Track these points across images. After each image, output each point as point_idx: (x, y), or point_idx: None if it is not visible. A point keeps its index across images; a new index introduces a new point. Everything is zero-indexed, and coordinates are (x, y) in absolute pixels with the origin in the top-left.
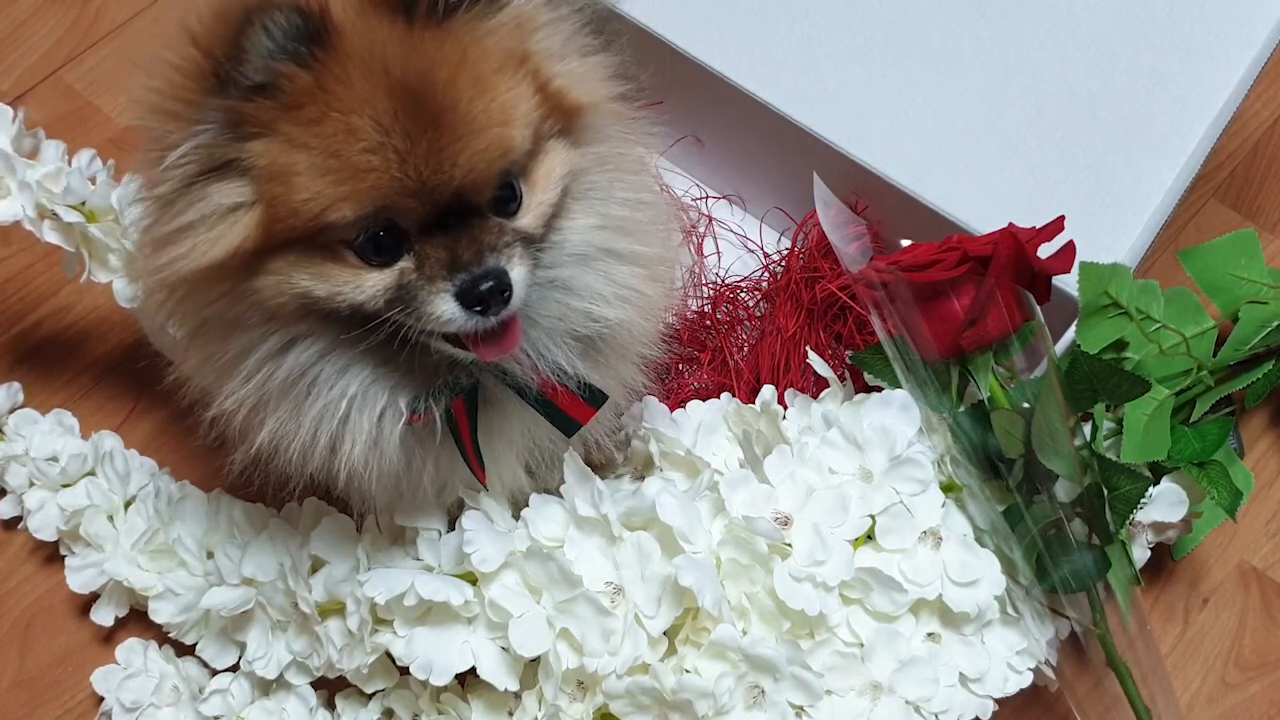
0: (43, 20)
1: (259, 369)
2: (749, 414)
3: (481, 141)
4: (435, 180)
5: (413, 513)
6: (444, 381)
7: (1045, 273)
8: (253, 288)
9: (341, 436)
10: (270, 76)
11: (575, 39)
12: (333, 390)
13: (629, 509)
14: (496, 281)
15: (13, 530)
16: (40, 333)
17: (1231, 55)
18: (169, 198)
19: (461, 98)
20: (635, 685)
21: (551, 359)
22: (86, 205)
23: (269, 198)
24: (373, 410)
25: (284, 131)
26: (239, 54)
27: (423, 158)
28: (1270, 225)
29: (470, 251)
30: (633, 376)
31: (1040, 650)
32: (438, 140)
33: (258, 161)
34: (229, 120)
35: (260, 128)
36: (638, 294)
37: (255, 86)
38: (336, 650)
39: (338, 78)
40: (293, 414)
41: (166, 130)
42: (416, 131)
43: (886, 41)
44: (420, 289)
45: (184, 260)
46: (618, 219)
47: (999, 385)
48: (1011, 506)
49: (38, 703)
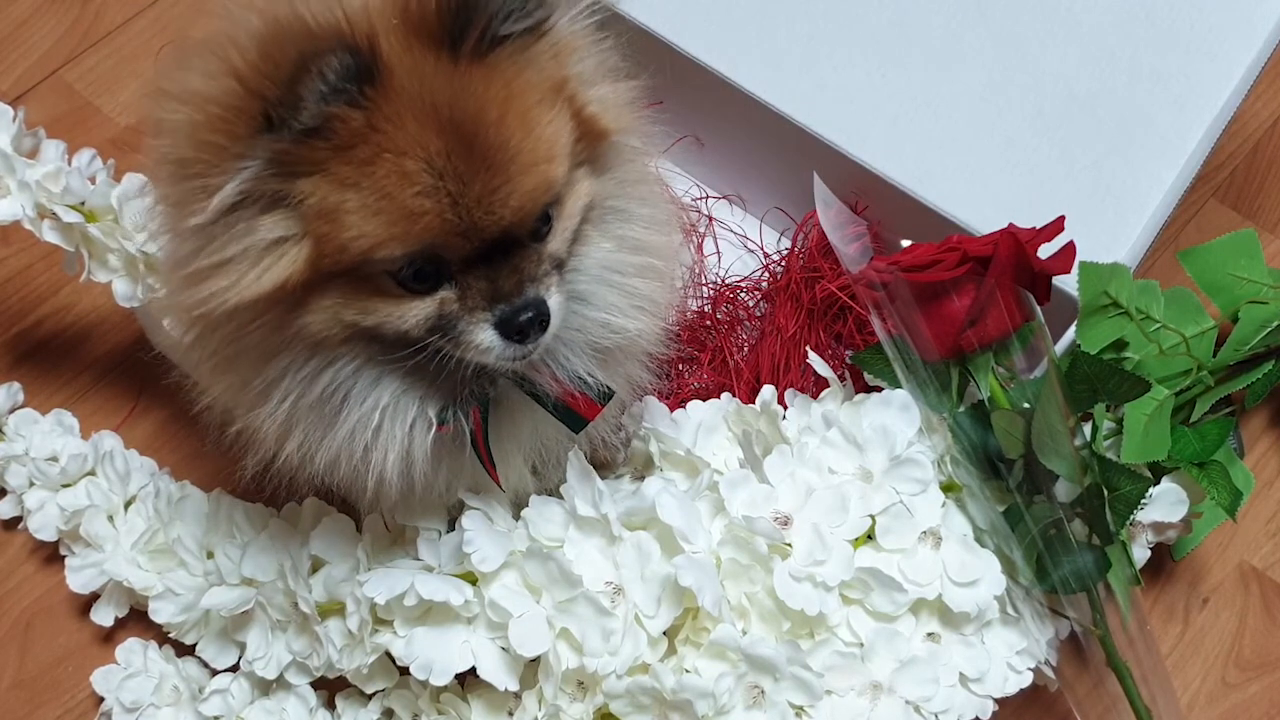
0: (43, 20)
1: (294, 389)
2: (749, 414)
3: (531, 181)
4: (486, 221)
5: (415, 513)
6: (470, 391)
7: (1045, 273)
8: (298, 319)
9: (374, 446)
10: (323, 120)
11: (606, 63)
12: (365, 403)
13: (629, 509)
14: (536, 311)
15: (13, 530)
16: (40, 333)
17: (1231, 55)
18: (207, 230)
19: (512, 136)
20: (635, 685)
21: (571, 369)
22: (86, 205)
23: (317, 235)
24: (405, 420)
25: (335, 171)
26: (294, 101)
27: (474, 199)
28: (1270, 225)
29: (511, 282)
30: (639, 374)
31: (1040, 650)
32: (490, 182)
33: (307, 200)
34: (278, 159)
35: (311, 166)
36: (653, 303)
37: (307, 130)
38: (336, 650)
39: (389, 117)
40: (325, 427)
41: (207, 162)
42: (469, 173)
43: (886, 41)
44: (461, 318)
45: (227, 294)
46: (635, 240)
47: (999, 385)
48: (1011, 507)
49: (38, 703)
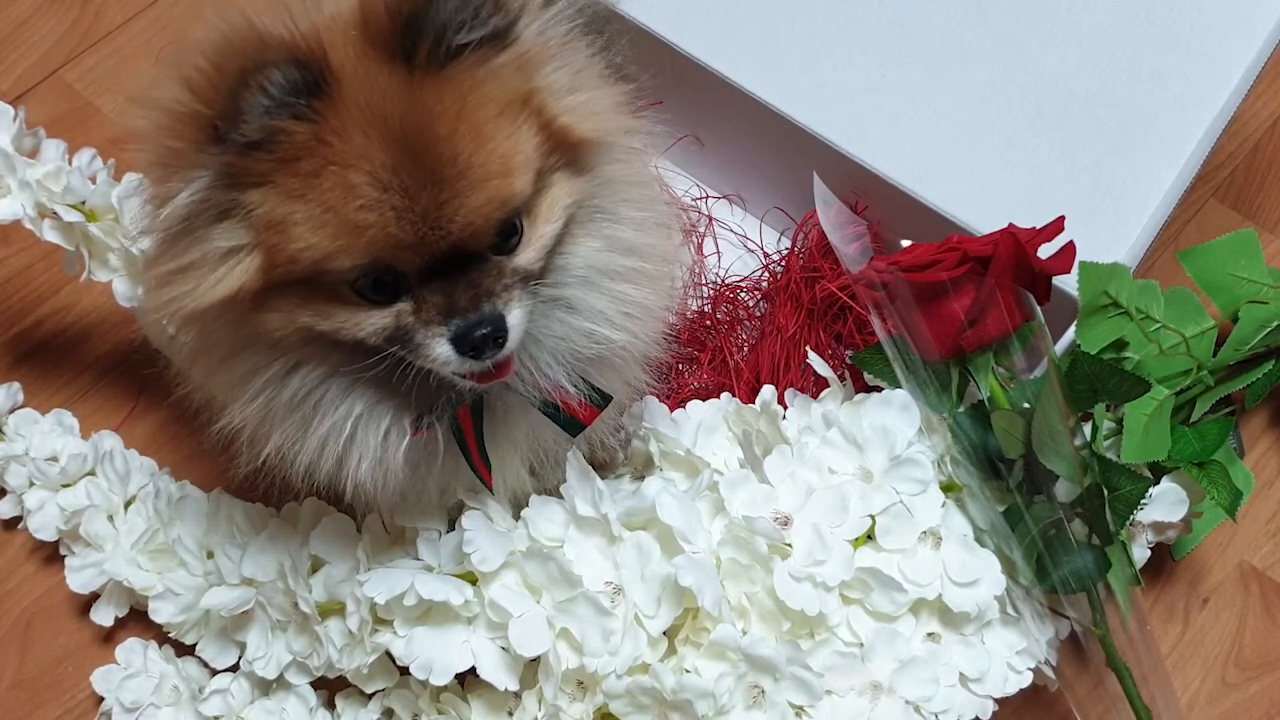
0: (43, 20)
1: (263, 390)
2: (749, 414)
3: (480, 197)
4: (432, 236)
5: (414, 514)
6: (446, 399)
7: (1045, 273)
8: (257, 320)
9: (348, 454)
10: (267, 134)
11: (589, 69)
12: (338, 411)
13: (629, 509)
14: (492, 328)
15: (13, 530)
16: (40, 332)
17: (1231, 55)
18: (171, 234)
19: (461, 151)
20: (635, 685)
21: (554, 378)
22: (87, 204)
23: (267, 245)
24: (378, 429)
25: (281, 183)
26: (235, 114)
27: (420, 214)
28: (1270, 225)
29: (466, 297)
30: (636, 376)
31: (1040, 650)
32: (437, 196)
33: (255, 210)
34: (226, 170)
35: (258, 178)
36: (643, 309)
37: (252, 143)
38: (336, 650)
39: (335, 130)
40: (299, 432)
41: (168, 167)
42: (415, 187)
43: (886, 41)
44: (417, 331)
45: (187, 299)
46: (624, 242)
47: (999, 385)
48: (1011, 507)
49: (38, 703)
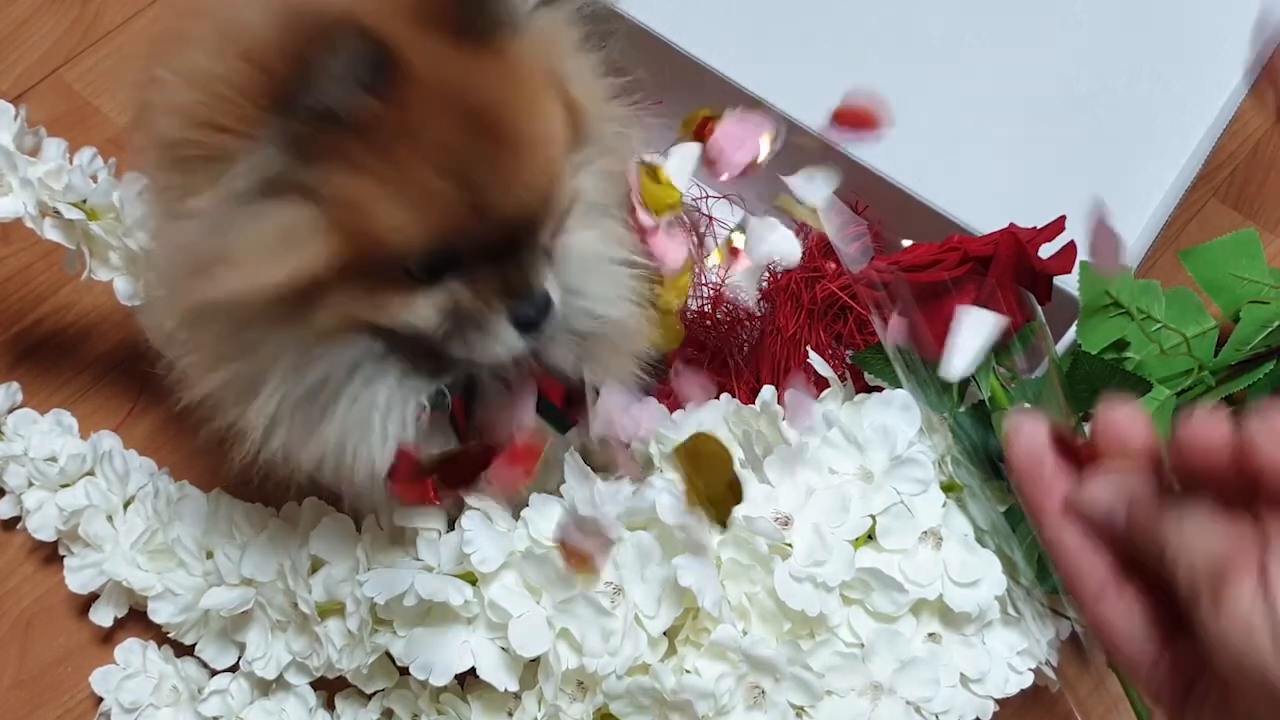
0: (43, 20)
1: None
2: (749, 414)
3: (539, 162)
4: (502, 203)
5: (413, 513)
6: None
7: (1046, 273)
8: (307, 310)
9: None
10: (338, 103)
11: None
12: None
13: (629, 509)
14: (545, 303)
15: (12, 530)
16: (40, 332)
17: (1231, 55)
18: (216, 215)
19: (520, 118)
20: (635, 685)
21: (550, 357)
22: (88, 203)
23: (335, 222)
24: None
25: (351, 157)
26: (307, 80)
27: (491, 181)
28: (1271, 225)
29: (517, 276)
30: (630, 373)
31: (1041, 651)
32: (503, 163)
33: (322, 187)
34: (291, 142)
35: (327, 152)
36: (638, 295)
37: (322, 112)
38: (336, 650)
39: (403, 103)
40: (312, 423)
41: (215, 145)
42: (481, 156)
43: (886, 41)
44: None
45: (238, 282)
46: (618, 234)
47: (1000, 385)
48: (1012, 507)
49: (37, 703)
